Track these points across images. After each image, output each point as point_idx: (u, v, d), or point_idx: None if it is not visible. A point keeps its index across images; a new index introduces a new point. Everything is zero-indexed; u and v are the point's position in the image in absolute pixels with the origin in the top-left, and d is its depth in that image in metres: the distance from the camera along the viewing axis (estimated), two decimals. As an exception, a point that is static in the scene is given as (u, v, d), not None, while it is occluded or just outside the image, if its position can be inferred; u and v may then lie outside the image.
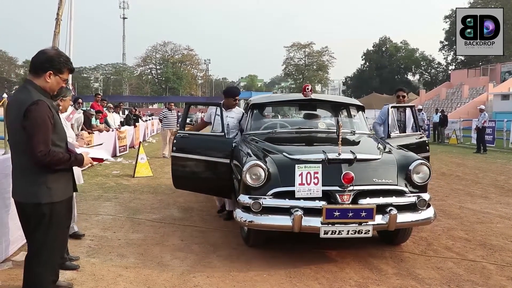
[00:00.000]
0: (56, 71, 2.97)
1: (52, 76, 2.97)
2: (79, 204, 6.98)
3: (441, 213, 6.86)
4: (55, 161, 2.90)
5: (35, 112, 2.81)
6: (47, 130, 2.85)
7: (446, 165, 13.92)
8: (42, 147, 2.82)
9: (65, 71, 3.04)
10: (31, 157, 2.85)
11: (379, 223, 4.39)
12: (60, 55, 3.06)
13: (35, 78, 2.97)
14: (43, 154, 2.82)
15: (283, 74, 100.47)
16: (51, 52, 3.01)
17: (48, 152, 2.84)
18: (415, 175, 4.67)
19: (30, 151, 2.83)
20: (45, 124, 2.84)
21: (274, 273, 4.35)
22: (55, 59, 2.98)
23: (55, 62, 2.97)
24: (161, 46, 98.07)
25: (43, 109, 2.85)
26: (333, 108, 7.24)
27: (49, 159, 2.85)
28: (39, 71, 2.96)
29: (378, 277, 4.31)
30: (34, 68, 2.98)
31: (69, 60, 3.11)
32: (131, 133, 17.42)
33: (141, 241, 5.31)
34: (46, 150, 2.83)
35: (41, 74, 2.96)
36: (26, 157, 2.90)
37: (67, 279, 4.00)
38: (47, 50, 3.00)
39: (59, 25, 8.94)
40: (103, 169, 11.53)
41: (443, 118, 24.62)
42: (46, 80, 2.96)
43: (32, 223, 2.99)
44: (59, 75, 3.00)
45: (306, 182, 4.35)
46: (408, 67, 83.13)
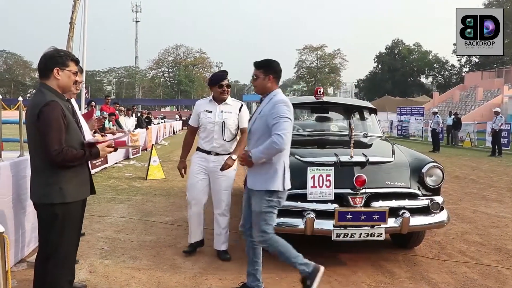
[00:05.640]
0: (61, 65, 3.03)
1: (60, 72, 3.02)
2: (92, 206, 7.04)
3: (455, 217, 6.80)
4: (69, 158, 2.93)
5: (47, 113, 2.85)
6: (60, 129, 2.89)
7: (460, 168, 13.79)
8: (56, 146, 2.85)
9: (69, 63, 3.09)
10: (46, 157, 2.88)
11: (391, 226, 4.36)
12: (59, 51, 3.13)
13: (47, 80, 3.03)
14: (57, 152, 2.85)
15: (295, 77, 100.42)
16: (49, 51, 3.08)
17: (62, 150, 2.87)
18: (428, 178, 4.64)
19: (44, 150, 2.86)
20: (57, 124, 2.88)
21: (286, 276, 4.34)
22: (55, 55, 3.05)
23: (56, 57, 3.04)
24: (173, 49, 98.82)
25: (56, 109, 2.89)
26: (345, 111, 7.22)
27: (62, 157, 2.88)
28: (46, 72, 3.02)
29: (391, 280, 4.29)
30: (42, 71, 3.05)
31: (69, 52, 3.21)
32: (144, 136, 17.53)
33: (153, 243, 5.34)
34: (59, 148, 2.86)
35: (49, 74, 3.02)
36: (40, 158, 2.95)
37: (81, 281, 4.04)
38: (45, 52, 3.07)
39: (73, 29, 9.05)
40: (116, 172, 11.62)
41: (456, 121, 24.40)
42: (56, 78, 3.02)
43: (46, 224, 3.03)
44: (66, 68, 3.05)
45: (318, 185, 4.34)
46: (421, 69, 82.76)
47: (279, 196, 3.63)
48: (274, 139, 3.44)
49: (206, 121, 4.70)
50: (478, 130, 24.88)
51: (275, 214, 3.69)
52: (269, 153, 3.51)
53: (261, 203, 3.62)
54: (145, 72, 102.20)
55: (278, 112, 3.53)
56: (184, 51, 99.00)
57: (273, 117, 3.53)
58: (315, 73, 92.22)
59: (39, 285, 3.15)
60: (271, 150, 3.48)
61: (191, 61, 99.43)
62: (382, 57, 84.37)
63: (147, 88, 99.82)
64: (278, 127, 3.48)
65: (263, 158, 3.55)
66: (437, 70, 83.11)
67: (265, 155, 3.53)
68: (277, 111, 3.54)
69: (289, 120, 3.53)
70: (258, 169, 3.63)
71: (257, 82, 3.76)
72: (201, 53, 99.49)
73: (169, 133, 31.90)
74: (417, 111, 34.31)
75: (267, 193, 3.60)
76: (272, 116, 3.54)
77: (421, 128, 32.11)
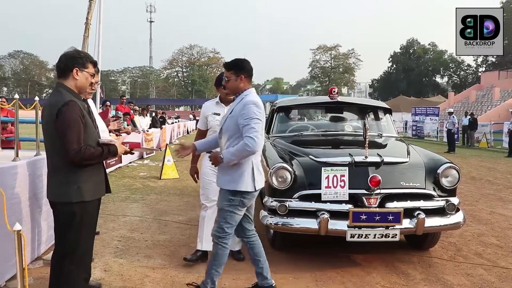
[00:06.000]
0: (81, 66, 3.08)
1: (79, 72, 3.07)
2: (107, 205, 7.10)
3: (471, 218, 6.72)
4: (87, 156, 2.95)
5: (66, 112, 2.88)
6: (79, 129, 2.92)
7: (476, 169, 13.63)
8: (75, 145, 2.88)
9: (88, 65, 3.14)
10: (64, 156, 2.91)
11: (406, 227, 4.33)
12: (79, 52, 3.21)
13: (65, 80, 3.07)
14: (76, 152, 2.88)
15: (309, 77, 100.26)
16: (70, 52, 3.13)
17: (80, 149, 2.90)
18: (444, 179, 4.59)
19: (63, 150, 2.89)
20: (76, 123, 2.91)
21: (300, 276, 4.33)
22: (76, 55, 3.11)
23: (77, 58, 3.09)
24: (187, 49, 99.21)
25: (75, 109, 2.93)
26: (359, 111, 7.18)
27: (81, 156, 2.91)
28: (66, 72, 3.07)
29: (405, 282, 4.25)
30: (61, 71, 3.09)
31: (88, 54, 3.29)
32: (158, 135, 17.62)
33: (167, 242, 5.36)
34: (78, 148, 2.89)
35: (68, 74, 3.06)
36: (58, 157, 2.98)
37: (96, 279, 4.07)
38: (66, 52, 3.13)
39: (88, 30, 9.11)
40: (130, 171, 11.70)
41: (472, 121, 24.13)
42: (75, 78, 3.06)
43: (64, 223, 3.06)
44: (85, 70, 3.11)
45: (333, 185, 4.33)
46: (437, 69, 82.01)
47: (243, 197, 3.57)
48: (246, 142, 3.39)
49: (214, 124, 4.52)
50: (494, 131, 24.59)
51: (237, 215, 3.63)
52: (241, 156, 3.48)
53: (223, 201, 3.60)
54: (159, 72, 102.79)
55: (248, 113, 3.48)
56: (198, 51, 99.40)
57: (243, 118, 3.48)
58: (329, 73, 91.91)
59: (55, 282, 3.18)
60: (244, 153, 3.45)
61: (205, 61, 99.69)
62: (396, 56, 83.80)
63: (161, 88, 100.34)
64: (249, 129, 3.42)
65: (234, 160, 3.52)
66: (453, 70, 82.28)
67: (236, 157, 3.49)
68: (247, 112, 3.48)
69: (259, 121, 3.49)
70: (226, 169, 3.59)
71: (230, 84, 3.69)
72: (215, 53, 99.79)
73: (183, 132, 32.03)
74: (432, 111, 34.00)
75: (230, 192, 3.57)
76: (243, 117, 3.48)
77: (436, 129, 31.82)
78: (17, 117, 4.54)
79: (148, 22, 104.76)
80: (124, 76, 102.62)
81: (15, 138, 4.51)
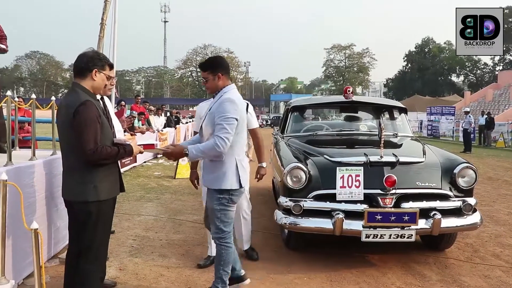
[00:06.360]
0: (100, 68, 3.13)
1: (97, 74, 3.11)
2: (122, 204, 7.15)
3: (488, 219, 6.64)
4: (104, 156, 2.98)
5: (84, 112, 2.91)
6: (95, 129, 2.95)
7: (493, 169, 13.46)
8: (92, 145, 2.90)
9: (106, 67, 3.19)
10: (81, 156, 2.93)
11: (422, 227, 4.29)
12: (98, 53, 3.28)
13: (82, 80, 3.09)
14: (93, 151, 2.91)
15: (323, 76, 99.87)
16: (90, 52, 3.17)
17: (97, 149, 2.92)
18: (460, 179, 4.54)
19: (80, 149, 2.91)
20: (93, 123, 2.94)
21: (315, 276, 4.32)
22: (95, 57, 3.15)
23: (96, 59, 3.13)
24: (201, 49, 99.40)
25: (92, 108, 2.95)
26: (374, 110, 7.14)
27: (98, 155, 2.94)
28: (85, 72, 3.09)
29: (421, 283, 4.21)
30: (79, 71, 3.11)
31: (106, 56, 3.34)
32: (172, 135, 17.70)
33: (182, 241, 5.38)
34: (94, 147, 2.92)
35: (87, 74, 3.09)
36: (74, 157, 3.00)
37: (111, 278, 4.10)
38: (86, 52, 3.16)
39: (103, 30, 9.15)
40: (145, 171, 11.77)
41: (489, 120, 23.84)
42: (93, 79, 3.09)
43: (80, 221, 3.08)
44: (103, 71, 3.15)
45: (348, 185, 4.31)
46: (452, 68, 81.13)
47: (231, 194, 3.57)
48: (217, 142, 3.36)
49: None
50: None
51: (230, 211, 3.62)
52: (208, 154, 3.47)
53: (213, 201, 3.59)
54: (173, 71, 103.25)
55: (223, 111, 3.43)
56: (212, 50, 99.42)
57: (218, 116, 3.44)
58: (343, 72, 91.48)
59: (70, 282, 3.20)
60: (212, 152, 3.42)
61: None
62: (411, 55, 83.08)
63: (176, 88, 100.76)
64: (221, 129, 3.39)
65: (200, 157, 3.52)
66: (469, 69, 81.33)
67: (203, 155, 3.49)
68: (222, 110, 3.44)
69: (234, 120, 3.44)
70: (211, 168, 3.58)
71: (209, 84, 3.66)
72: (229, 52, 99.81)
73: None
74: (448, 111, 33.69)
75: (217, 191, 3.56)
76: (218, 114, 3.45)
77: (452, 128, 31.51)
78: (34, 117, 4.60)
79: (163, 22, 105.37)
80: (139, 76, 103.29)
81: (32, 137, 4.56)
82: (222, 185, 3.53)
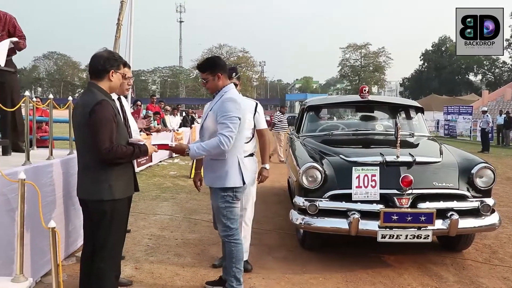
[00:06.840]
0: (116, 68, 3.15)
1: (114, 74, 3.13)
2: (138, 203, 7.19)
3: (507, 220, 6.54)
4: (119, 155, 3.00)
5: (99, 111, 2.93)
6: (111, 128, 2.97)
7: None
8: (107, 144, 2.93)
9: (121, 66, 3.23)
10: (96, 154, 2.96)
11: (439, 228, 4.24)
12: (113, 53, 3.28)
13: (99, 81, 3.12)
14: (108, 150, 2.93)
15: (338, 76, 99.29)
16: (105, 53, 3.18)
17: (112, 148, 2.95)
18: (478, 179, 4.48)
19: (95, 148, 2.94)
20: (109, 122, 2.96)
21: (330, 276, 4.30)
22: (111, 57, 3.16)
23: (112, 60, 3.15)
24: (216, 48, 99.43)
25: (108, 108, 2.98)
26: (390, 110, 7.08)
27: (113, 154, 2.96)
28: (102, 74, 3.11)
29: (438, 284, 4.17)
30: (96, 72, 3.13)
31: (120, 56, 3.39)
32: (188, 134, 17.78)
33: (197, 241, 5.39)
34: (110, 146, 2.94)
35: (104, 75, 3.11)
36: (90, 156, 3.03)
37: (127, 276, 4.13)
38: (101, 53, 3.16)
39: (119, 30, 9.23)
40: (160, 170, 11.83)
41: (508, 120, 23.48)
42: (110, 79, 3.12)
43: (95, 220, 3.11)
44: (119, 71, 3.18)
45: (364, 185, 4.28)
46: (470, 67, 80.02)
47: (234, 191, 3.60)
48: (221, 140, 3.39)
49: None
50: (531, 130, 23.85)
51: (235, 207, 3.66)
52: (212, 153, 3.49)
53: (217, 199, 3.62)
54: (189, 71, 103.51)
55: (226, 110, 3.47)
56: (227, 50, 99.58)
57: (221, 115, 3.47)
58: (359, 71, 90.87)
59: (86, 281, 3.24)
60: (216, 150, 3.44)
61: (235, 61, 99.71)
62: (428, 54, 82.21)
63: (191, 87, 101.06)
64: (225, 128, 3.42)
65: (203, 155, 3.54)
66: (487, 68, 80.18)
67: (206, 153, 3.51)
68: (224, 109, 3.48)
69: (236, 119, 3.47)
70: (213, 167, 3.61)
71: (209, 85, 3.68)
72: (244, 52, 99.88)
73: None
74: (465, 110, 33.24)
75: (221, 190, 3.59)
76: (220, 114, 3.48)
77: (469, 128, 31.11)
78: (51, 117, 4.65)
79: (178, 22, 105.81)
80: (155, 76, 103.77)
81: (49, 137, 4.61)
82: (226, 184, 3.57)
